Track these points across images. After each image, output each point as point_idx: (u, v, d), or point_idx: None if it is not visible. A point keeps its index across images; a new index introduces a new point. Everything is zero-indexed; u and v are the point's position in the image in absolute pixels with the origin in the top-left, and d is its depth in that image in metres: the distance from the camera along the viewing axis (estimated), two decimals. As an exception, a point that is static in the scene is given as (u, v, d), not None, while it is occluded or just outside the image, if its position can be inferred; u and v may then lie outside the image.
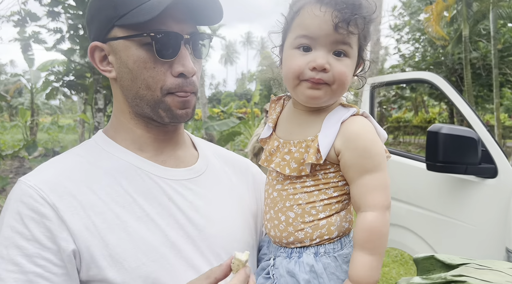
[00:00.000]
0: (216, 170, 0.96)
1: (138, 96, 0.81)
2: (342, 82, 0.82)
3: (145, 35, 0.77)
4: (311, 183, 0.85)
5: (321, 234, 0.85)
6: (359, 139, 0.81)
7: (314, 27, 0.80)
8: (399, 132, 21.24)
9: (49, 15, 7.43)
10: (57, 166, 0.81)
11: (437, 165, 2.20)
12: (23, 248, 0.70)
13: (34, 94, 16.72)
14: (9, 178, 7.50)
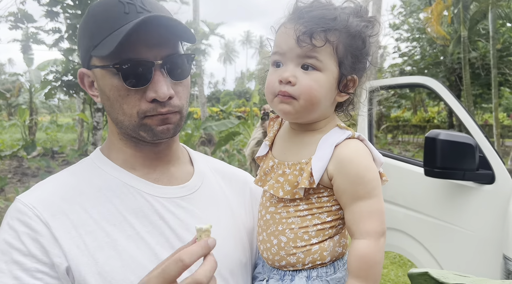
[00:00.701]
0: (211, 187, 0.96)
1: (118, 121, 0.84)
2: (309, 96, 0.80)
3: (111, 67, 0.78)
4: (305, 206, 0.84)
5: (313, 259, 0.83)
6: (351, 165, 0.80)
7: (282, 43, 0.82)
8: (398, 131, 21.27)
9: (48, 15, 7.41)
10: (52, 185, 0.84)
11: (435, 170, 2.21)
12: (21, 263, 0.73)
13: (32, 93, 16.69)
14: (8, 178, 7.50)
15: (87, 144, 11.40)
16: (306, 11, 0.80)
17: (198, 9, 17.27)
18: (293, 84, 0.80)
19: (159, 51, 0.80)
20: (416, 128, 20.84)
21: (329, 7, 0.82)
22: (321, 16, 0.79)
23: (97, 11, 0.81)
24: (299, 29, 0.78)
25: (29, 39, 8.10)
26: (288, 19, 0.83)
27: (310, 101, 0.80)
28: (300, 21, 0.79)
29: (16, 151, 8.84)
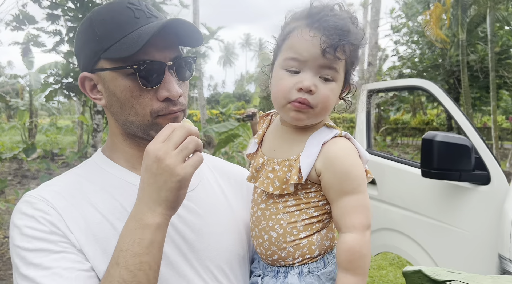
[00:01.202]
0: (210, 184, 1.01)
1: (128, 121, 0.87)
2: (325, 105, 0.84)
3: (128, 67, 0.81)
4: (293, 202, 0.88)
5: (302, 253, 0.87)
6: (338, 162, 0.83)
7: (302, 50, 0.82)
8: (397, 134, 21.30)
9: (49, 18, 7.45)
10: (58, 184, 0.88)
11: (432, 171, 2.25)
12: (46, 239, 0.77)
13: (32, 95, 16.70)
14: (8, 180, 7.52)
15: (86, 146, 11.40)
16: (323, 19, 0.81)
17: (198, 12, 17.33)
18: (313, 93, 0.83)
19: (168, 53, 0.84)
20: (415, 130, 20.87)
21: (340, 15, 0.83)
22: (339, 27, 0.81)
23: (104, 16, 0.84)
24: (325, 40, 0.80)
25: (29, 42, 8.13)
26: (307, 25, 0.83)
27: (325, 110, 0.85)
28: (324, 31, 0.80)
29: (17, 153, 8.86)
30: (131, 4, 0.84)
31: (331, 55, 0.81)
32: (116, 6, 0.84)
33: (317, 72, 0.83)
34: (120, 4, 0.84)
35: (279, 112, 0.91)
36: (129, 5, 0.83)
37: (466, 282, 0.67)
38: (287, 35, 0.86)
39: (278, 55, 0.88)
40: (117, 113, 0.87)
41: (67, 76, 9.76)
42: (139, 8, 0.84)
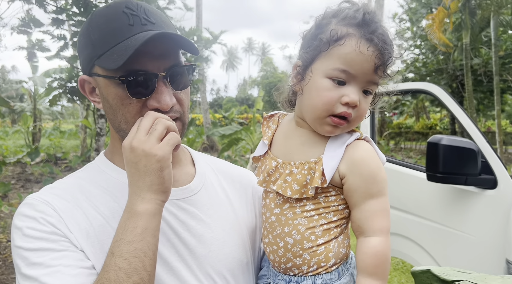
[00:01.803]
0: (213, 187, 0.98)
1: (120, 129, 0.86)
2: (361, 118, 0.85)
3: (116, 78, 0.80)
4: (311, 206, 0.85)
5: (318, 260, 0.85)
6: (364, 165, 0.82)
7: (356, 64, 0.80)
8: (400, 138, 21.24)
9: (53, 22, 7.50)
10: (60, 187, 0.88)
11: (438, 175, 2.22)
12: (47, 238, 0.76)
13: (36, 100, 16.79)
14: (11, 184, 7.53)
15: (90, 150, 11.43)
16: (378, 32, 0.80)
17: (201, 16, 17.42)
18: (356, 108, 0.81)
19: (162, 62, 0.82)
20: (418, 135, 20.81)
21: (385, 27, 0.82)
22: (390, 43, 0.81)
23: (100, 21, 0.82)
24: (380, 58, 0.79)
25: (34, 47, 8.19)
26: (363, 37, 0.79)
27: (358, 122, 0.85)
28: (381, 47, 0.79)
29: (21, 157, 8.91)
30: (127, 8, 0.81)
31: (381, 72, 0.81)
32: (113, 11, 0.82)
33: (363, 86, 0.82)
34: (117, 9, 0.81)
35: (311, 122, 0.86)
36: (125, 9, 0.81)
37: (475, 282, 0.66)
38: (339, 42, 0.80)
39: (322, 59, 0.83)
40: (111, 119, 0.87)
41: (71, 80, 9.81)
42: (135, 13, 0.81)
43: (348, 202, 0.85)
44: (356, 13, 0.81)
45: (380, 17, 0.83)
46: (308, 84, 0.85)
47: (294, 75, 0.88)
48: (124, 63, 0.76)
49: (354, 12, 0.81)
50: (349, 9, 0.83)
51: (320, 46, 0.82)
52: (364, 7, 0.82)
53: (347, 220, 0.88)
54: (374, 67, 0.79)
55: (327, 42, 0.81)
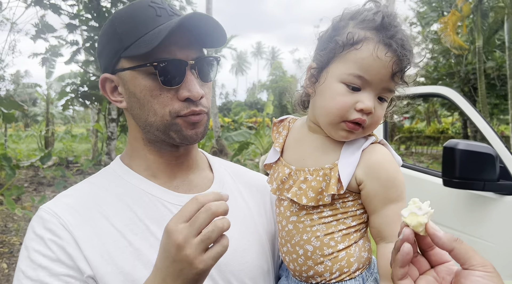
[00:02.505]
0: (231, 193, 0.95)
1: (148, 123, 0.83)
2: (376, 125, 0.82)
3: (148, 65, 0.78)
4: (329, 213, 0.83)
5: (340, 266, 0.82)
6: (382, 170, 0.80)
7: (372, 70, 0.77)
8: (411, 142, 21.02)
9: (67, 28, 7.62)
10: (74, 195, 0.85)
11: (454, 181, 2.18)
12: (50, 269, 0.74)
13: (49, 104, 17.07)
14: (24, 187, 7.63)
15: (101, 154, 11.54)
16: (397, 37, 0.76)
17: (211, 22, 17.48)
18: (371, 114, 0.79)
19: (190, 52, 0.81)
20: (429, 139, 20.57)
21: (406, 30, 0.79)
22: (409, 48, 0.77)
23: (125, 16, 0.82)
24: (398, 64, 0.76)
25: (48, 52, 8.34)
26: (381, 41, 0.76)
27: (374, 128, 0.83)
28: (399, 53, 0.75)
29: (34, 161, 9.05)
30: (153, 2, 0.81)
31: (398, 79, 0.78)
32: (138, 5, 0.82)
33: (378, 93, 0.79)
34: (142, 3, 0.81)
35: (324, 127, 0.84)
36: (151, 3, 0.81)
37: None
38: (356, 46, 0.77)
39: (337, 62, 0.80)
40: (137, 115, 0.84)
41: (83, 85, 9.95)
42: (161, 6, 0.81)
43: (367, 207, 0.82)
44: (375, 16, 0.78)
45: (400, 21, 0.79)
46: (322, 87, 0.83)
47: (308, 77, 0.86)
48: (156, 48, 0.75)
49: (373, 15, 0.78)
50: (368, 11, 0.79)
51: (336, 49, 0.79)
52: (384, 9, 0.79)
53: (366, 224, 0.86)
54: (391, 73, 0.76)
55: (343, 45, 0.78)
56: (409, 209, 0.64)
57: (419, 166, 2.93)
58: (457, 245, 0.61)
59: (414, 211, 0.63)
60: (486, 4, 11.55)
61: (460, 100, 2.51)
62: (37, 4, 7.26)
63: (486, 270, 0.59)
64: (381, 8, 0.80)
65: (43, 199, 5.93)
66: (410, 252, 0.62)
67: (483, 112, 11.80)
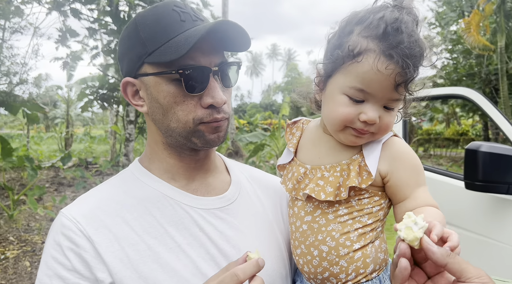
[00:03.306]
0: (249, 196, 0.95)
1: (169, 128, 0.83)
2: (387, 130, 0.82)
3: (173, 72, 0.77)
4: (345, 211, 0.82)
5: (356, 267, 0.81)
6: (407, 157, 0.83)
7: (374, 83, 0.75)
8: (430, 145, 20.62)
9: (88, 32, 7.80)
10: (93, 198, 0.85)
11: (477, 184, 2.13)
12: (65, 278, 0.74)
13: (69, 106, 17.47)
14: (45, 187, 7.82)
15: (119, 155, 11.73)
16: (401, 46, 0.73)
17: (227, 24, 17.56)
18: (376, 124, 0.79)
19: (213, 58, 0.81)
20: (449, 141, 20.14)
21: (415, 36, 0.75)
22: (416, 56, 0.74)
23: (149, 20, 0.80)
24: (401, 76, 0.74)
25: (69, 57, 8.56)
26: (382, 52, 0.73)
27: (385, 133, 0.83)
28: (402, 65, 0.73)
29: (55, 162, 9.29)
30: (177, 7, 0.80)
31: (403, 90, 0.77)
32: (162, 9, 0.80)
33: (383, 103, 0.79)
34: (166, 7, 0.80)
35: (332, 133, 0.85)
36: (175, 7, 0.80)
37: None
38: (357, 58, 0.76)
39: (338, 73, 0.80)
40: (159, 120, 0.83)
41: (102, 87, 10.14)
42: (185, 11, 0.81)
43: (396, 196, 0.83)
44: (380, 21, 0.74)
45: (410, 22, 0.75)
46: (326, 96, 0.84)
47: (317, 82, 0.86)
48: (180, 57, 0.75)
49: (378, 20, 0.75)
50: (375, 13, 0.76)
51: (338, 60, 0.78)
52: (389, 14, 0.75)
53: (382, 222, 0.85)
54: (394, 85, 0.75)
55: (345, 57, 0.77)
56: (405, 223, 0.64)
57: (439, 168, 2.88)
58: (450, 260, 0.62)
59: (410, 225, 0.64)
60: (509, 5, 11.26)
61: (482, 101, 2.45)
62: (58, 9, 7.46)
63: (482, 281, 0.61)
64: (387, 11, 0.75)
65: (64, 199, 6.07)
66: (407, 267, 0.63)
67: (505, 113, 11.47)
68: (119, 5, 7.74)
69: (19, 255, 4.76)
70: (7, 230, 5.68)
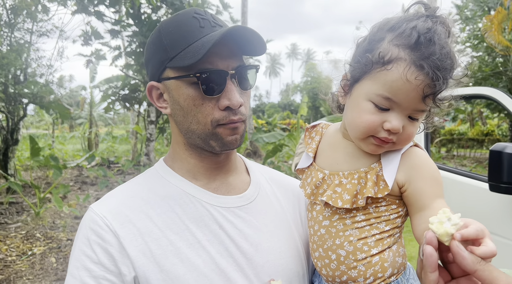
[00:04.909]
0: (267, 196, 0.97)
1: (190, 130, 0.87)
2: (408, 141, 0.81)
3: (191, 76, 0.81)
4: (362, 217, 0.82)
5: (374, 271, 0.81)
6: (426, 167, 0.80)
7: (401, 93, 0.74)
8: (453, 145, 20.11)
9: (111, 33, 7.98)
10: (120, 195, 0.89)
11: (502, 186, 2.08)
12: (91, 270, 0.78)
13: (92, 107, 17.92)
14: (70, 186, 8.06)
15: (140, 155, 11.95)
16: (432, 58, 0.72)
17: (247, 24, 17.72)
18: (399, 133, 0.78)
19: (230, 62, 0.84)
20: (473, 142, 19.58)
21: (447, 48, 0.74)
22: (447, 69, 0.73)
23: (171, 27, 0.85)
24: (430, 87, 0.73)
25: (92, 55, 8.77)
26: (413, 63, 0.73)
27: (406, 143, 0.82)
28: (432, 77, 0.72)
29: (80, 161, 9.58)
30: (197, 14, 0.85)
31: (430, 101, 0.76)
32: (183, 17, 0.85)
33: (408, 113, 0.78)
34: (187, 15, 0.85)
35: (353, 140, 0.85)
36: (195, 15, 0.84)
37: None
38: (387, 66, 0.75)
39: (366, 79, 0.79)
40: (180, 122, 0.88)
41: (124, 88, 10.36)
42: (204, 17, 0.84)
43: (414, 206, 0.81)
44: (413, 30, 0.73)
45: (444, 33, 0.73)
46: (351, 101, 0.83)
47: (342, 86, 0.86)
48: (197, 61, 0.78)
49: (411, 29, 0.73)
50: (408, 22, 0.75)
51: (367, 65, 0.78)
52: (421, 24, 0.73)
53: (400, 229, 0.85)
54: (422, 96, 0.74)
55: (374, 63, 0.76)
56: (438, 218, 0.63)
57: (462, 169, 2.82)
58: (481, 267, 0.59)
59: (443, 220, 0.62)
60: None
61: (508, 101, 2.39)
62: (83, 11, 7.66)
63: None
64: (420, 20, 0.74)
65: (87, 197, 6.23)
66: (433, 253, 0.61)
67: (532, 113, 11.05)
68: (141, 7, 7.89)
69: (46, 251, 4.93)
70: (34, 227, 5.89)
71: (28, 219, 6.26)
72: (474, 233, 0.62)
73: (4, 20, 7.34)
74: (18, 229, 5.79)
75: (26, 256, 4.72)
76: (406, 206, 0.84)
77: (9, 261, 4.57)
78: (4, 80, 7.06)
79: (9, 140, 7.86)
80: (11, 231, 5.65)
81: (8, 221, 6.15)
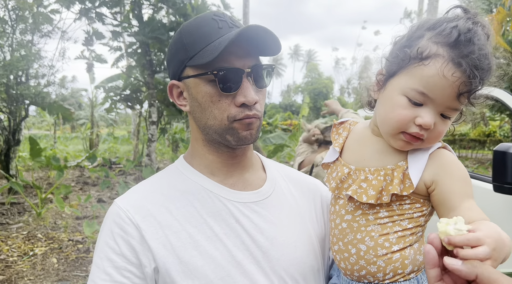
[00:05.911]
0: (283, 193, 1.00)
1: (207, 126, 0.90)
2: (437, 139, 0.81)
3: (209, 73, 0.86)
4: (385, 214, 0.83)
5: (394, 268, 0.82)
6: (455, 167, 0.81)
7: (436, 89, 0.75)
8: (454, 146, 20.07)
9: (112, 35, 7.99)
10: (142, 190, 0.94)
11: (506, 186, 2.07)
12: (114, 261, 0.83)
13: (93, 107, 17.95)
14: (71, 187, 8.07)
15: (141, 155, 11.95)
16: (471, 57, 0.73)
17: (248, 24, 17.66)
18: (430, 130, 0.79)
19: (246, 61, 0.88)
20: (474, 143, 19.54)
21: (486, 49, 0.75)
22: (484, 69, 0.74)
23: (191, 28, 0.90)
24: (466, 85, 0.73)
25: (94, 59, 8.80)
26: (451, 60, 0.73)
27: (435, 142, 0.82)
28: (469, 75, 0.72)
29: (81, 161, 9.59)
30: (216, 16, 0.89)
31: (465, 100, 0.76)
32: (203, 19, 0.90)
33: (441, 110, 0.78)
34: (206, 17, 0.90)
35: (383, 134, 0.85)
36: (214, 17, 0.89)
37: None
38: (423, 60, 0.76)
39: (402, 73, 0.80)
40: (198, 118, 0.92)
41: (126, 89, 10.37)
42: (223, 19, 0.89)
43: (443, 206, 0.80)
44: (453, 29, 0.74)
45: (484, 36, 0.75)
46: (385, 96, 0.84)
47: (376, 82, 0.87)
48: (216, 58, 0.82)
49: (451, 29, 0.75)
50: (449, 22, 0.76)
51: (405, 60, 0.78)
52: (462, 24, 0.74)
53: (423, 228, 0.85)
54: (457, 94, 0.74)
55: (412, 58, 0.77)
56: (447, 220, 0.64)
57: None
58: (479, 270, 0.59)
59: (450, 223, 0.63)
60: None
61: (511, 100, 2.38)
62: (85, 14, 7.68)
63: None
64: (461, 21, 0.75)
65: (88, 198, 6.23)
66: (431, 251, 0.62)
67: (535, 114, 11.06)
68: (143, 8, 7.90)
69: (47, 252, 4.93)
70: (35, 228, 5.89)
71: (30, 220, 6.27)
72: (462, 241, 0.61)
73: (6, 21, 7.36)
74: (20, 229, 5.79)
75: (27, 257, 4.72)
76: (430, 206, 0.84)
77: (11, 262, 4.57)
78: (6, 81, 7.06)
79: (11, 141, 7.87)
80: (12, 232, 5.65)
81: (9, 221, 6.15)
